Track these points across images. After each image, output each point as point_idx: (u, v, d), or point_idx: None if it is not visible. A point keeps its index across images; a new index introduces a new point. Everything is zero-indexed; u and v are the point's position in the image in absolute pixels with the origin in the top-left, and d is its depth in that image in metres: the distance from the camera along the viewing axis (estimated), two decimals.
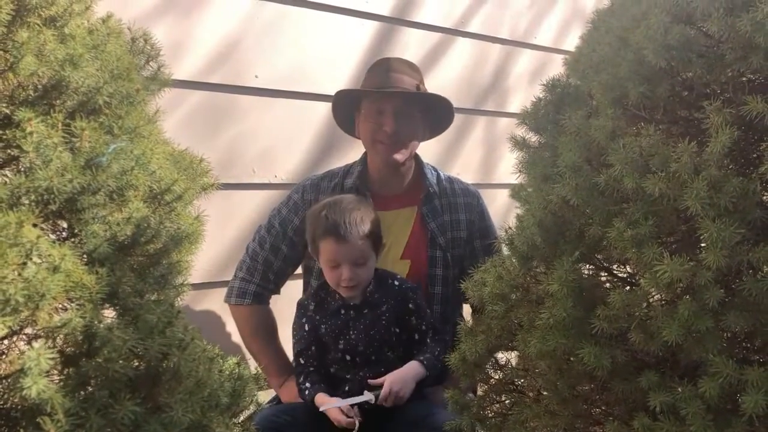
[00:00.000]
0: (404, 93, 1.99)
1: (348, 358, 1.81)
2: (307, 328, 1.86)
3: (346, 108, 2.07)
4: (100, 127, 1.05)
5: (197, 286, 2.05)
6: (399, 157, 1.99)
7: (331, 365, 1.84)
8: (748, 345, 1.14)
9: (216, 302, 2.19)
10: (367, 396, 1.71)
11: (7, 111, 0.99)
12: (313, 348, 1.85)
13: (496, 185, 2.83)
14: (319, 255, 1.83)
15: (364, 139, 2.05)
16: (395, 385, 1.70)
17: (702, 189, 0.95)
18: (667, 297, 1.07)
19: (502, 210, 2.67)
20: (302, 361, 1.84)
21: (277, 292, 2.11)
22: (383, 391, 1.70)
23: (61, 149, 0.97)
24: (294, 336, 1.99)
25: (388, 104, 1.97)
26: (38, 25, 1.02)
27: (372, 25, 2.55)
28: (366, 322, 1.81)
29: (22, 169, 0.96)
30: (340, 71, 2.44)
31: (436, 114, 2.08)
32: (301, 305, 1.95)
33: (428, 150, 2.35)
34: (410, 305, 1.86)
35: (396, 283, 1.87)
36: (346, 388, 1.78)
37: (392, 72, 2.02)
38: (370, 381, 1.73)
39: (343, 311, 1.84)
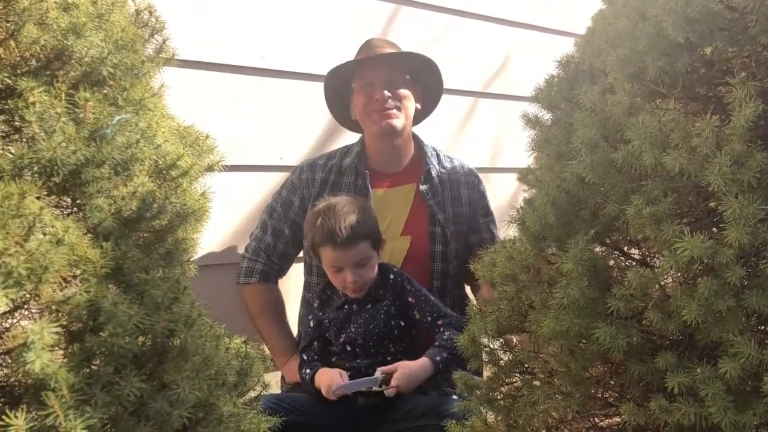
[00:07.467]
0: (381, 55, 2.02)
1: (348, 348, 1.82)
2: (312, 324, 1.88)
3: (339, 98, 2.10)
4: (104, 98, 1.02)
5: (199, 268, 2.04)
6: (394, 122, 2.01)
7: (333, 356, 1.84)
8: (764, 327, 1.12)
9: (219, 284, 2.17)
10: (376, 378, 1.69)
11: (9, 81, 0.97)
12: (315, 344, 1.86)
13: (503, 170, 2.81)
14: (320, 261, 1.83)
15: (359, 114, 2.07)
16: (402, 385, 1.69)
17: (725, 164, 0.92)
18: (684, 276, 1.05)
19: (510, 194, 2.65)
20: (305, 357, 1.85)
21: (282, 274, 2.11)
22: (391, 384, 1.69)
23: (65, 120, 0.94)
24: (300, 330, 2.00)
25: (376, 75, 2.01)
26: None
27: (381, 6, 2.51)
28: (366, 317, 1.82)
29: (25, 140, 0.94)
30: (348, 53, 2.41)
31: (424, 79, 2.09)
32: (306, 302, 1.97)
33: (434, 134, 2.32)
34: (409, 299, 1.85)
35: (391, 276, 1.87)
36: (348, 375, 1.77)
37: (374, 48, 2.07)
38: (380, 369, 1.72)
39: (346, 306, 1.84)
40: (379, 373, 1.70)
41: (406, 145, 2.09)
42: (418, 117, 2.16)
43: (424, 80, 2.10)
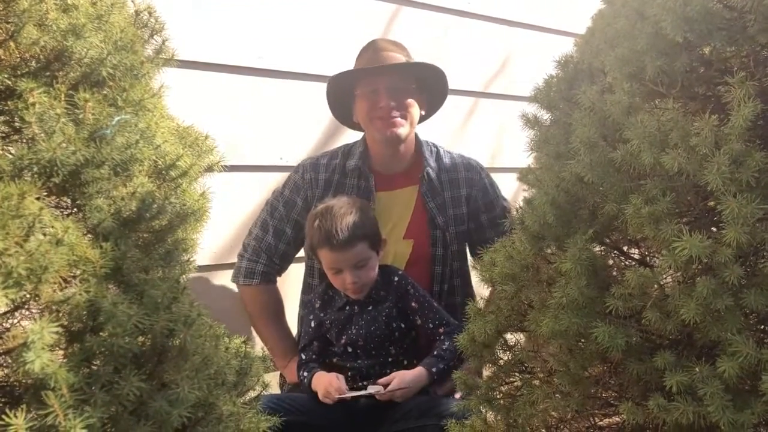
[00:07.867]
0: (392, 65, 1.99)
1: (349, 350, 1.83)
2: (312, 324, 1.88)
3: (342, 99, 2.07)
4: (104, 99, 1.02)
5: (199, 269, 2.04)
6: (399, 131, 1.99)
7: (333, 356, 1.84)
8: (763, 327, 1.12)
9: (219, 284, 2.17)
10: (375, 388, 1.71)
11: (9, 82, 0.97)
12: (315, 343, 1.86)
13: (503, 169, 2.81)
14: (320, 263, 1.83)
15: (362, 120, 2.05)
16: (398, 395, 1.71)
17: (723, 163, 0.92)
18: (683, 276, 1.05)
19: (510, 194, 2.64)
20: (304, 357, 1.86)
21: (282, 272, 2.11)
22: (387, 391, 1.70)
23: (65, 121, 0.94)
24: (299, 330, 2.00)
25: (381, 82, 1.98)
26: None
27: (380, 6, 2.51)
28: (367, 318, 1.82)
29: (25, 141, 0.94)
30: (346, 52, 2.41)
31: (430, 85, 2.07)
32: (307, 303, 1.97)
33: (434, 134, 2.32)
34: (413, 303, 1.85)
35: (396, 279, 1.86)
36: (349, 375, 1.77)
37: (380, 51, 2.04)
38: (379, 381, 1.73)
39: (347, 307, 1.84)
40: (378, 386, 1.71)
41: (408, 148, 2.08)
42: (420, 120, 2.15)
43: (430, 87, 2.08)
